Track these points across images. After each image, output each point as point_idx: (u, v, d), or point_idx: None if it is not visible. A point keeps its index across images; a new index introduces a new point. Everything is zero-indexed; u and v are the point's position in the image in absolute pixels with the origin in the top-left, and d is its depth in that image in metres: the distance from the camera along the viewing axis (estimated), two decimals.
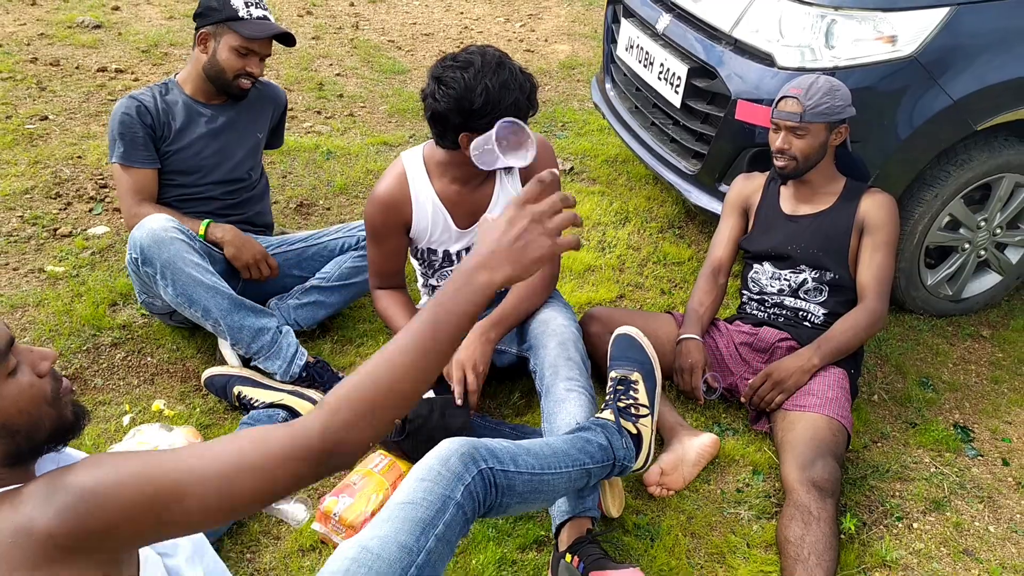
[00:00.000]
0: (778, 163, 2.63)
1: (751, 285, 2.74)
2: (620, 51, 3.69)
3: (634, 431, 2.06)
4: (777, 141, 2.60)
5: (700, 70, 3.11)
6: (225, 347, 2.55)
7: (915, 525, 2.31)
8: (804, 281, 2.62)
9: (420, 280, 2.61)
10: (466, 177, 2.37)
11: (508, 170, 2.43)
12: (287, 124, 3.08)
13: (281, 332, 2.49)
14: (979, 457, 2.56)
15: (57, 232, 3.18)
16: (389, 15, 6.12)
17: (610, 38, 3.90)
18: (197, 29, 2.61)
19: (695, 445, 2.41)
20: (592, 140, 4.36)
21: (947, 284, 3.17)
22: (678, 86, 3.22)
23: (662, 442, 2.45)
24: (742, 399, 2.55)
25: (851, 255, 2.60)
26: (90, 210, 3.35)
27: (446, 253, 2.47)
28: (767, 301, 2.69)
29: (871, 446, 2.56)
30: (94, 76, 4.54)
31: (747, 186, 2.84)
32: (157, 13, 5.63)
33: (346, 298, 2.79)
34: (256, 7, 2.59)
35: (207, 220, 2.61)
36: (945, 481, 2.45)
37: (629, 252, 3.43)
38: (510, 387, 2.63)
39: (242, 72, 2.62)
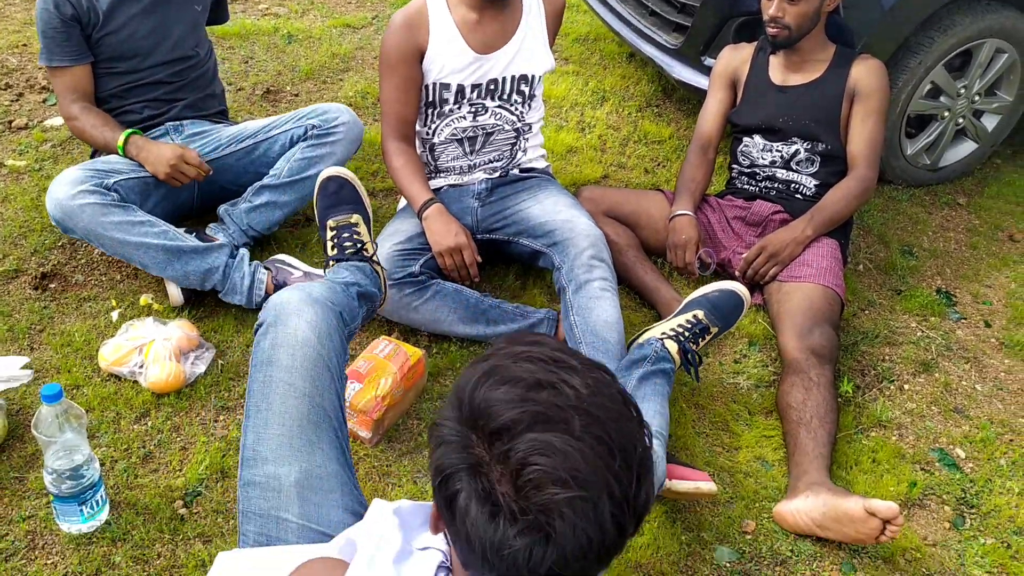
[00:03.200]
0: (771, 31, 2.56)
1: (741, 159, 2.72)
2: None
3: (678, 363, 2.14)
4: (771, 9, 2.53)
5: None
6: (168, 282, 2.37)
7: (906, 386, 2.38)
8: (796, 152, 2.61)
9: (419, 148, 2.52)
10: (480, 11, 2.34)
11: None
12: (242, 5, 2.89)
13: (233, 263, 2.32)
14: (962, 320, 2.63)
15: (12, 124, 3.01)
16: None
17: None
18: None
19: None
20: None
21: (925, 153, 3.19)
22: None
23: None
24: (736, 273, 2.56)
25: (842, 123, 2.58)
26: (44, 100, 3.17)
27: (459, 88, 2.38)
28: (758, 174, 2.67)
29: (859, 314, 2.61)
30: None
31: (735, 58, 2.78)
32: None
33: (301, 195, 2.53)
34: None
35: (126, 132, 2.40)
36: (932, 344, 2.52)
37: (609, 132, 3.37)
38: (504, 271, 2.61)
39: None
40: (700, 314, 2.19)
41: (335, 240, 2.04)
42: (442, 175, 2.54)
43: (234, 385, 2.16)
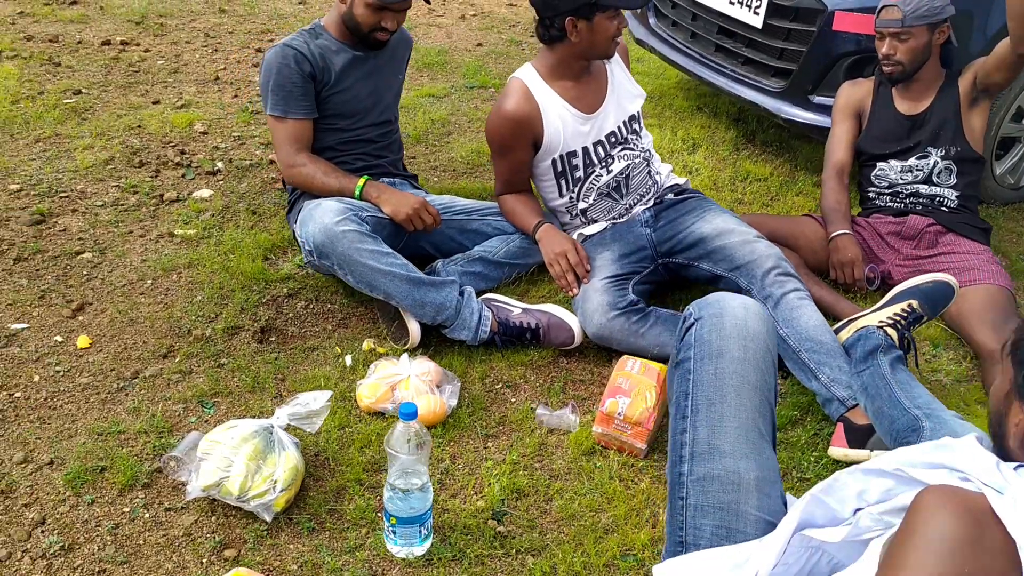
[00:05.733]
0: (886, 69, 2.81)
1: (877, 182, 2.92)
2: None
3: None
4: (883, 48, 2.78)
5: None
6: (409, 318, 2.42)
7: None
8: (935, 164, 2.81)
9: (566, 216, 2.71)
10: (579, 71, 2.56)
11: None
12: None
13: (463, 299, 2.41)
14: None
15: (164, 198, 3.04)
16: None
17: None
18: None
19: None
20: None
21: (1010, 174, 3.46)
22: (758, 8, 3.36)
23: None
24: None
25: (964, 123, 2.80)
26: (182, 176, 3.21)
27: (584, 151, 2.58)
28: (901, 192, 2.87)
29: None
30: (101, 50, 4.30)
31: (857, 91, 3.01)
32: None
33: (510, 274, 2.71)
34: None
35: (364, 177, 2.56)
36: None
37: (715, 173, 3.56)
38: (677, 296, 2.73)
39: (376, 27, 2.56)
40: (915, 303, 2.33)
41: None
42: (600, 223, 2.68)
43: (486, 414, 2.21)
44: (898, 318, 2.32)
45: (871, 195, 2.96)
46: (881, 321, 2.33)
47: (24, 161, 3.21)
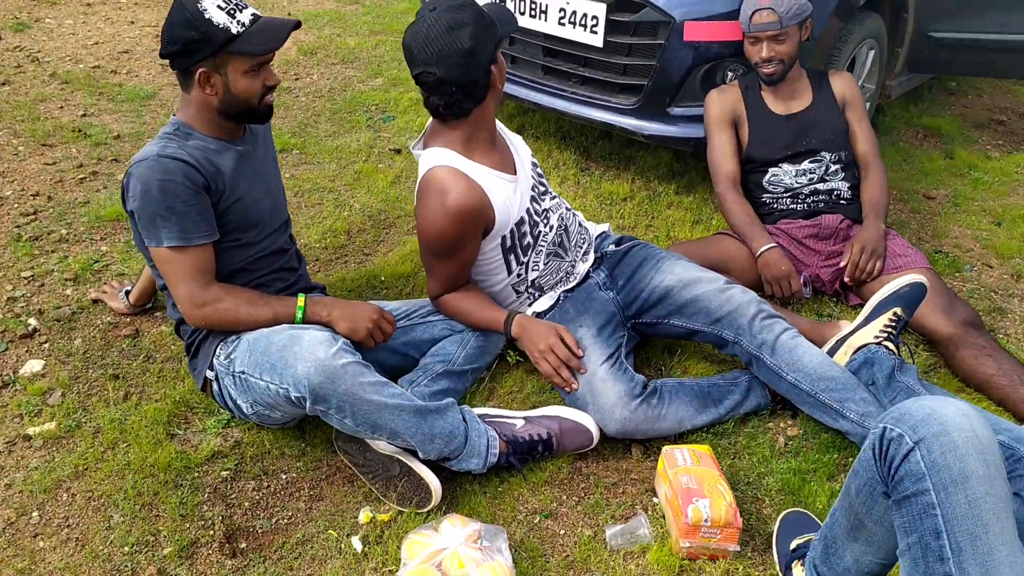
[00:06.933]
0: (766, 71, 2.82)
1: (770, 188, 2.91)
2: None
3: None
4: (761, 52, 2.80)
5: (620, 4, 3.14)
6: (421, 468, 2.00)
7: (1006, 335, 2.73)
8: (827, 166, 2.86)
9: (511, 296, 2.44)
10: (492, 133, 2.31)
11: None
12: None
13: (467, 423, 2.03)
14: (974, 269, 3.07)
15: None
16: (57, 42, 5.09)
17: None
18: (185, 70, 2.03)
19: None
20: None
21: None
22: (595, 26, 3.23)
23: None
24: (845, 279, 2.71)
25: (847, 125, 2.90)
26: None
27: (529, 214, 2.34)
28: (801, 193, 2.88)
29: None
30: None
31: (727, 98, 2.98)
32: None
33: (474, 379, 2.38)
34: (239, 10, 2.02)
35: (301, 296, 2.11)
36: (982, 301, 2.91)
37: (579, 200, 3.41)
38: (642, 355, 2.55)
39: (264, 91, 2.10)
40: (899, 311, 2.33)
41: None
42: (550, 292, 2.43)
43: (546, 561, 1.88)
44: (889, 330, 2.31)
45: (767, 200, 2.94)
46: (876, 336, 2.30)
47: None
